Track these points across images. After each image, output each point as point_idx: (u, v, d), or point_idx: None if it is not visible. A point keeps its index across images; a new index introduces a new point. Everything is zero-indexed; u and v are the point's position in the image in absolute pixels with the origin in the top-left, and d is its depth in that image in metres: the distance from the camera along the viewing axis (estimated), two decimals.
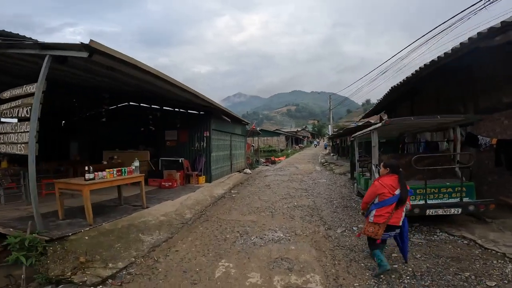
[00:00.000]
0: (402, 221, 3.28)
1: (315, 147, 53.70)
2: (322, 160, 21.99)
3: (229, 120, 10.42)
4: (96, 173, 4.35)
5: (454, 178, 5.33)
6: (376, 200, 3.30)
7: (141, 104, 10.84)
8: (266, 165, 18.28)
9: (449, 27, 8.68)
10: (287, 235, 4.86)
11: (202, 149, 9.85)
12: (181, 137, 10.16)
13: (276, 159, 22.69)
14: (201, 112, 9.95)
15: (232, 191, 9.36)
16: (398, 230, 3.32)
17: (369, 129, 5.85)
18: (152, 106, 10.59)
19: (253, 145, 17.86)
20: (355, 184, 8.14)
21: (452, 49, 5.20)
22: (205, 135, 9.79)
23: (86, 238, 4.16)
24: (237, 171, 13.62)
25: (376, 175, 4.65)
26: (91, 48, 3.60)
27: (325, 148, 41.99)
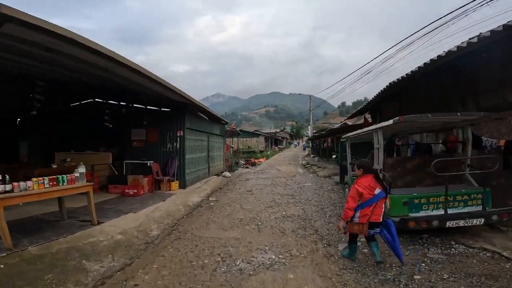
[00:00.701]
0: (387, 223, 3.43)
1: (295, 147, 53.72)
2: (303, 162, 21.49)
3: (206, 118, 9.32)
4: (15, 183, 3.08)
5: (464, 184, 4.75)
6: (359, 202, 3.36)
7: (109, 101, 9.36)
8: (246, 167, 17.32)
9: (427, 33, 8.87)
10: (281, 256, 3.92)
11: (175, 150, 8.63)
12: (151, 136, 8.86)
13: (256, 160, 21.81)
14: (174, 109, 8.73)
15: (210, 199, 8.26)
16: (378, 229, 3.45)
17: (371, 128, 5.11)
18: (121, 103, 9.18)
19: (232, 146, 16.81)
20: (346, 189, 7.43)
21: (457, 47, 4.70)
22: (178, 134, 8.59)
23: (1, 267, 3.01)
24: (216, 175, 12.50)
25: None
26: None
27: (304, 149, 41.97)
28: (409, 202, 4.18)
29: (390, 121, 4.21)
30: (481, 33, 4.36)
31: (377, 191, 3.33)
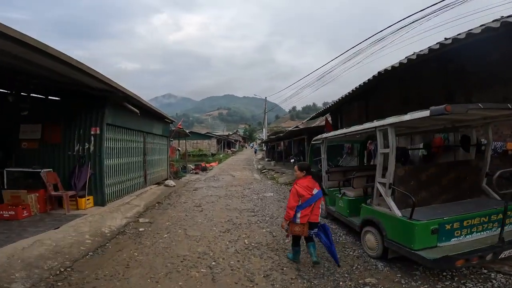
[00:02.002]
0: (324, 227, 3.57)
1: (252, 148, 52.25)
2: (258, 166, 20.06)
3: (137, 111, 6.92)
4: None
5: (483, 197, 3.65)
6: (300, 203, 3.44)
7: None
8: (196, 173, 14.99)
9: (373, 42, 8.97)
10: None
11: (87, 154, 6.06)
12: (50, 135, 6.14)
13: (208, 165, 19.53)
14: (88, 99, 6.15)
15: (140, 220, 5.94)
16: (316, 230, 3.52)
17: (373, 125, 3.64)
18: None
19: (178, 149, 14.27)
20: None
21: (453, 39, 3.81)
22: (93, 132, 6.06)
23: None
24: (156, 184, 9.99)
25: (391, 201, 3.29)
26: None
27: (255, 152, 41.06)
28: (440, 228, 2.86)
29: (426, 112, 2.76)
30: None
31: (315, 191, 3.47)
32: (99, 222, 5.28)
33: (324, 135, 5.67)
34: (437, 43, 4.24)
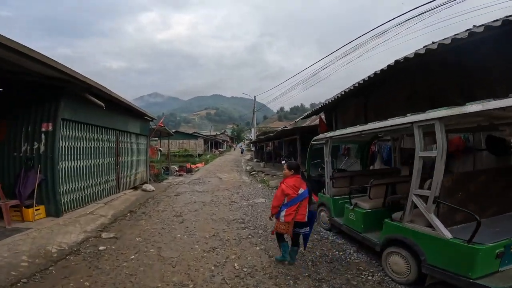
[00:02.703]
0: (311, 213, 3.56)
1: (240, 148, 50.98)
2: (247, 168, 19.09)
3: (102, 104, 5.75)
4: None
5: None
6: (285, 201, 3.45)
7: None
8: (180, 175, 13.81)
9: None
10: None
11: (37, 155, 4.88)
12: None
13: (193, 166, 18.35)
14: (39, 89, 4.96)
15: (103, 235, 4.83)
16: (307, 229, 3.55)
17: (418, 118, 2.74)
18: None
19: (160, 149, 13.03)
20: (323, 213, 5.12)
21: (470, 32, 3.33)
22: (44, 129, 4.91)
23: None
24: (132, 188, 8.81)
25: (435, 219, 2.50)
26: None
27: (242, 152, 40.19)
28: (505, 251, 2.08)
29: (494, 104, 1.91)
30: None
31: (301, 190, 3.45)
32: (46, 238, 4.16)
33: (329, 134, 4.79)
34: (449, 37, 3.66)
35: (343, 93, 8.01)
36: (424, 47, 4.20)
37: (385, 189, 3.71)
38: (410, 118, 2.75)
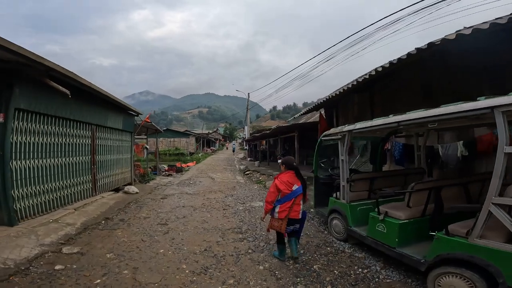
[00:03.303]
0: (302, 216, 3.48)
1: (232, 145, 49.92)
2: (241, 167, 18.18)
3: (66, 91, 4.73)
4: None
5: None
6: (279, 197, 3.40)
7: None
8: (169, 175, 12.79)
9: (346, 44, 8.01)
10: None
11: None
12: None
13: (184, 165, 17.33)
14: None
15: (65, 249, 3.88)
16: (297, 225, 3.49)
17: (502, 102, 1.92)
18: None
19: (146, 147, 12.00)
20: (335, 221, 4.29)
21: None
22: None
23: None
24: (112, 190, 7.79)
25: None
26: None
27: (233, 151, 39.41)
28: None
29: None
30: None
31: (295, 187, 3.38)
32: None
33: (348, 127, 3.94)
34: (469, 27, 3.28)
35: (345, 88, 7.25)
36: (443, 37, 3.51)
37: (426, 195, 2.89)
38: (488, 102, 1.94)
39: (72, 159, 5.83)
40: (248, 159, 25.35)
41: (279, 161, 14.62)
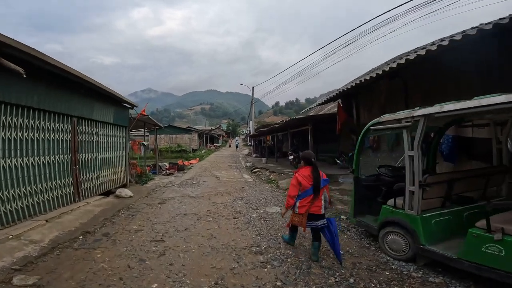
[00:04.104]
0: (329, 220, 3.33)
1: (236, 141, 48.54)
2: (247, 164, 16.99)
3: (21, 70, 3.52)
4: None
5: None
6: (300, 192, 3.34)
7: None
8: (170, 174, 11.62)
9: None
10: None
11: None
12: None
13: (187, 163, 16.20)
14: None
15: (16, 280, 2.74)
16: (324, 221, 3.30)
17: None
18: None
19: (143, 143, 10.78)
20: (392, 236, 3.07)
21: None
22: None
23: None
24: (101, 194, 6.64)
25: None
26: None
27: (237, 147, 38.31)
28: None
29: None
30: None
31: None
32: None
33: (424, 110, 2.71)
34: None
35: (374, 75, 6.03)
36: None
37: None
38: None
39: (45, 158, 4.66)
40: (254, 155, 24.17)
41: (291, 157, 13.43)
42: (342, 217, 5.10)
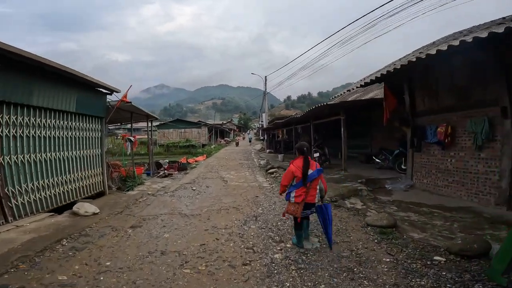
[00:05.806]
0: (325, 206, 3.44)
1: (248, 135, 46.01)
2: (261, 162, 14.70)
3: None
4: None
5: None
6: (294, 182, 3.39)
7: None
8: (168, 175, 9.55)
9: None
10: None
11: None
12: None
13: (191, 160, 14.18)
14: None
15: None
16: (313, 209, 3.43)
17: None
18: None
19: (130, 138, 8.65)
20: None
21: None
22: None
23: None
24: (51, 211, 4.60)
25: None
26: None
27: (250, 141, 36.15)
28: None
29: None
30: None
31: (310, 171, 3.32)
32: None
33: None
34: None
35: (457, 42, 3.59)
36: None
37: None
38: None
39: None
40: (267, 151, 21.84)
41: (316, 154, 11.05)
42: (483, 275, 2.64)
